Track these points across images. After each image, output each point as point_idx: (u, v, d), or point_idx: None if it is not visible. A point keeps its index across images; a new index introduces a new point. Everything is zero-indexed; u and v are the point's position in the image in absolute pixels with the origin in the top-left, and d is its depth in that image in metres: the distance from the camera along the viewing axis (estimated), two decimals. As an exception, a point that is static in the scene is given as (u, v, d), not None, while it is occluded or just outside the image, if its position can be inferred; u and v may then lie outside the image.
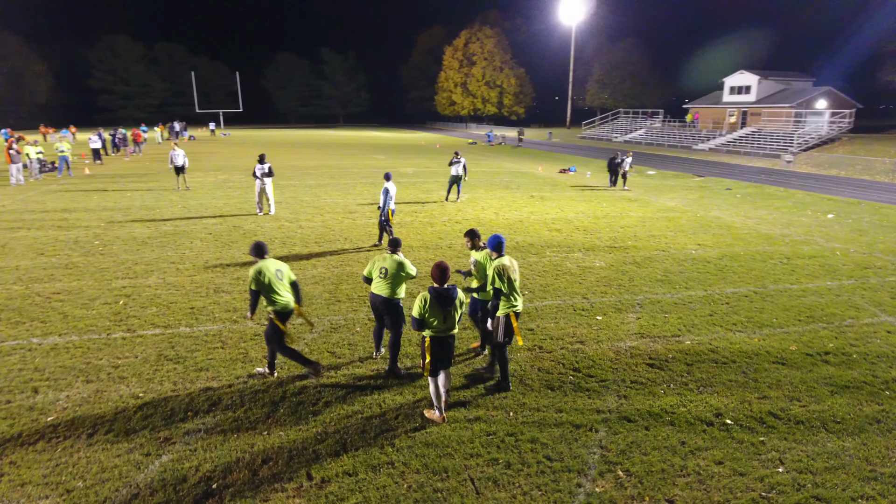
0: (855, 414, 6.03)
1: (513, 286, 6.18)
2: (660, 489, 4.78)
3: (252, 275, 6.17)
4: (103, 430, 5.44)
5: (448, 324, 5.57)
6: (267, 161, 15.89)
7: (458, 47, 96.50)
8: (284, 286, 6.34)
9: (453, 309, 5.56)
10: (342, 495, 4.62)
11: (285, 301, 6.28)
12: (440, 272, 5.51)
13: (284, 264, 6.59)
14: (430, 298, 5.45)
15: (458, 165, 19.00)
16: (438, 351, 5.56)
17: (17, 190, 20.34)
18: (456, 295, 5.56)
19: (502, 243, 6.34)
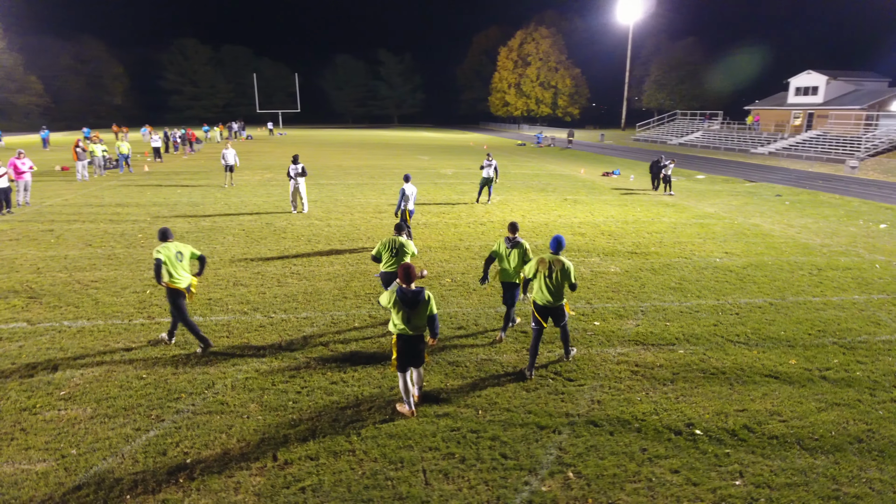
0: (837, 432, 5.85)
1: (542, 281, 6.77)
2: (605, 493, 4.86)
3: (154, 254, 7.14)
4: (105, 406, 6.03)
5: (412, 324, 5.74)
6: (301, 161, 16.58)
7: (513, 48, 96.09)
8: (183, 267, 7.24)
9: (417, 312, 5.70)
10: (299, 477, 4.96)
11: (180, 279, 7.16)
12: (404, 272, 5.70)
13: (188, 247, 7.44)
14: (394, 297, 5.71)
15: (489, 167, 19.14)
16: (405, 349, 5.80)
17: (82, 185, 22.09)
18: (422, 298, 5.72)
19: (558, 242, 6.92)
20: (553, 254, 6.89)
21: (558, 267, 6.76)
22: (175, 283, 7.14)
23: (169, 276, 7.12)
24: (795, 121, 49.51)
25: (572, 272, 6.84)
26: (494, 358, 7.40)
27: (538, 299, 6.87)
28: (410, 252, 7.90)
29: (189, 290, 7.29)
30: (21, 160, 16.81)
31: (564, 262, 6.81)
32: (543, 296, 6.82)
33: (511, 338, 8.06)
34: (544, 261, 6.81)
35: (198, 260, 7.52)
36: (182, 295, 7.22)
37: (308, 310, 8.99)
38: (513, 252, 7.64)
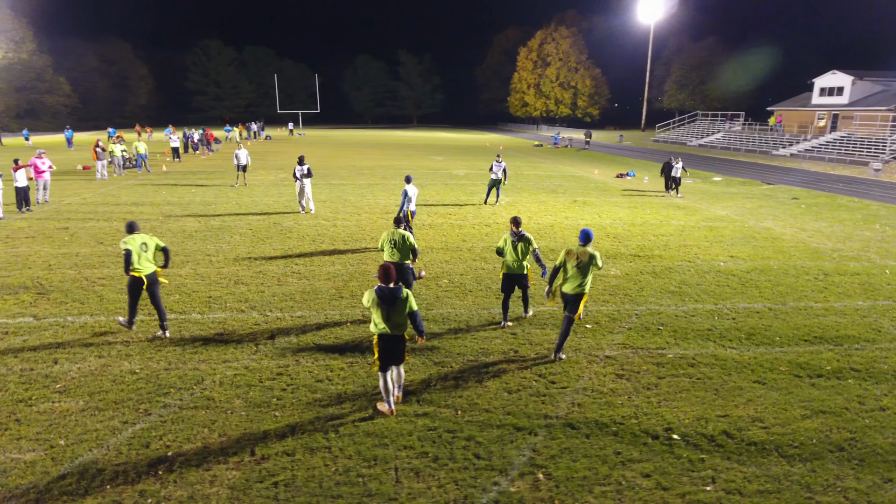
0: (819, 440, 5.78)
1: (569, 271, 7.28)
2: (573, 495, 4.89)
3: (121, 245, 7.65)
4: (97, 399, 6.25)
5: (391, 322, 5.85)
6: (306, 163, 16.81)
7: (533, 48, 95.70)
8: (147, 258, 7.74)
9: (395, 309, 5.82)
10: (274, 472, 5.10)
11: (142, 268, 7.68)
12: (384, 273, 5.82)
13: (153, 239, 7.92)
14: (372, 296, 5.82)
15: (498, 169, 19.13)
16: (385, 348, 5.91)
17: (101, 184, 22.69)
18: (399, 295, 5.82)
19: (587, 235, 7.43)
20: (582, 246, 7.35)
21: (585, 258, 7.24)
22: (137, 272, 7.64)
23: (134, 268, 7.64)
24: (820, 122, 48.46)
25: (598, 258, 7.32)
26: (480, 359, 7.47)
27: (566, 289, 7.33)
28: (410, 243, 8.42)
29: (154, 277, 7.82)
30: (41, 160, 17.35)
31: (591, 252, 7.29)
32: (571, 285, 7.29)
33: (499, 339, 8.11)
34: (572, 252, 7.34)
35: (162, 252, 8.03)
36: (141, 282, 7.70)
37: (304, 309, 9.15)
38: (519, 245, 8.20)
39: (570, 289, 7.28)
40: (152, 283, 7.79)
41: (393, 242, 8.38)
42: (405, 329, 6.01)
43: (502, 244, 8.36)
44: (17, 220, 15.49)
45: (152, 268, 7.80)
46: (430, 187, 23.54)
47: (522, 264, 8.33)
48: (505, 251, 8.31)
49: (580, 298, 7.28)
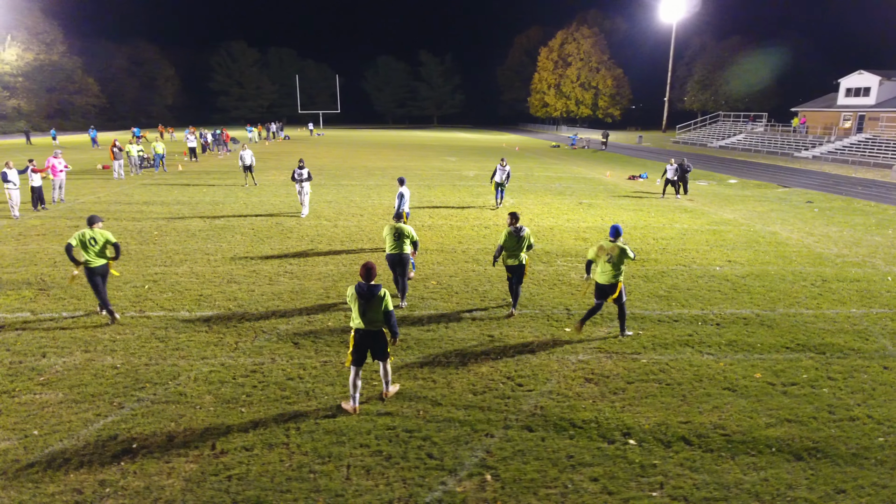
0: (779, 448, 5.74)
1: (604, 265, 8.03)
2: (517, 496, 4.96)
3: (73, 235, 8.26)
4: (76, 392, 6.52)
5: (367, 318, 6.07)
6: (306, 166, 17.00)
7: (554, 48, 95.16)
8: (95, 251, 8.27)
9: (372, 306, 6.03)
10: (230, 465, 5.28)
11: (90, 261, 8.26)
12: (365, 271, 6.09)
13: (105, 233, 8.44)
14: (352, 292, 6.06)
15: (501, 172, 19.04)
16: (360, 342, 6.12)
17: (117, 183, 23.37)
18: (376, 293, 6.04)
19: (616, 231, 8.09)
20: (612, 241, 8.04)
21: (616, 252, 7.95)
22: (90, 263, 8.24)
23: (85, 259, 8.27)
24: (845, 123, 47.26)
25: (629, 251, 8.02)
26: (453, 361, 7.56)
27: (600, 279, 8.15)
28: (410, 236, 9.25)
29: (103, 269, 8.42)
30: (58, 160, 17.97)
31: (622, 246, 7.98)
32: (605, 276, 8.08)
33: (475, 340, 8.19)
34: (603, 247, 8.05)
35: (113, 246, 8.60)
36: (97, 273, 8.30)
37: (289, 308, 9.36)
38: (516, 239, 8.82)
39: (605, 280, 8.10)
40: (101, 274, 8.38)
41: (396, 234, 9.16)
42: (381, 326, 6.18)
43: (503, 240, 8.93)
44: (31, 218, 16.09)
45: (102, 261, 8.38)
46: (437, 188, 23.68)
47: (519, 256, 8.90)
48: (505, 246, 8.88)
49: (616, 287, 8.11)
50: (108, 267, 8.48)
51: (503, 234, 8.92)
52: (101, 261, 8.36)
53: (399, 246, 9.21)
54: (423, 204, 19.77)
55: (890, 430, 6.13)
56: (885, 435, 6.03)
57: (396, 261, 9.29)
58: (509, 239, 8.83)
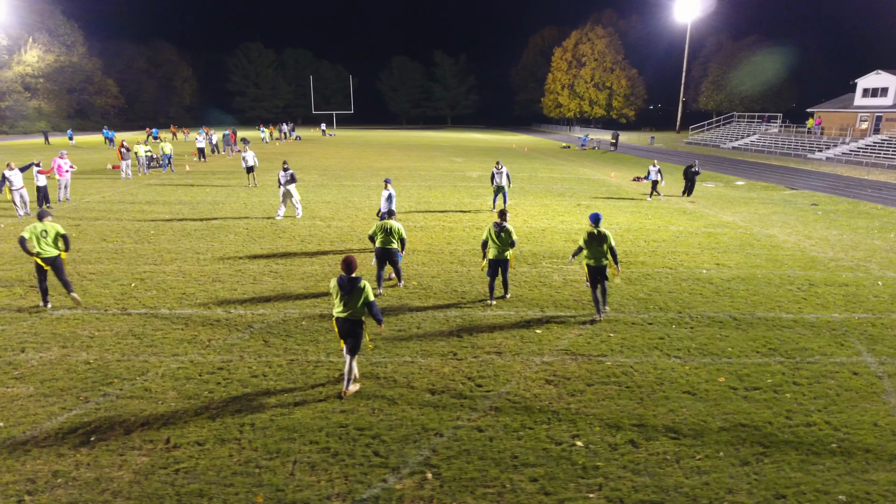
0: (727, 453, 5.74)
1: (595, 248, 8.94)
2: (454, 495, 5.05)
3: (26, 229, 8.97)
4: (46, 386, 6.75)
5: (346, 308, 6.49)
6: (290, 168, 17.05)
7: (568, 48, 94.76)
8: (47, 242, 9.00)
9: (351, 297, 6.45)
10: (180, 459, 5.44)
11: (42, 252, 8.99)
12: (345, 264, 6.49)
13: (55, 226, 9.17)
14: (335, 283, 6.50)
15: (499, 175, 18.32)
16: (342, 329, 6.60)
17: (124, 183, 23.88)
18: (356, 285, 6.45)
19: (597, 217, 9.19)
20: (594, 226, 9.08)
21: (598, 236, 8.93)
22: (42, 254, 8.96)
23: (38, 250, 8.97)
24: (862, 124, 46.38)
25: (610, 237, 9.01)
26: (417, 360, 7.66)
27: (590, 262, 9.03)
28: (398, 233, 9.98)
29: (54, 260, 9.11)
30: (63, 160, 18.44)
31: (604, 231, 9.02)
32: (594, 260, 8.99)
33: (442, 341, 8.28)
34: (592, 233, 8.96)
35: (62, 238, 9.23)
36: (48, 263, 9.02)
37: (267, 307, 9.54)
38: (501, 234, 9.48)
39: (595, 263, 8.99)
40: (54, 264, 9.08)
41: (385, 230, 9.91)
42: (360, 315, 6.50)
43: (486, 235, 9.62)
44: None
45: (55, 252, 9.09)
46: (438, 189, 23.80)
47: (505, 251, 9.58)
48: (489, 240, 9.56)
49: (604, 270, 9.07)
50: (61, 258, 9.21)
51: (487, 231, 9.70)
52: (53, 252, 9.06)
53: (388, 241, 9.94)
54: (419, 204, 19.90)
55: (845, 436, 6.09)
56: (839, 441, 6.00)
57: (387, 254, 10.00)
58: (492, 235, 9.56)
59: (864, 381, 7.38)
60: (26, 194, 16.03)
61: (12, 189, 15.56)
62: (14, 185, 15.58)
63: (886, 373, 7.64)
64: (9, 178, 15.55)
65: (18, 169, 16.09)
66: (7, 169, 15.62)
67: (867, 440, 6.02)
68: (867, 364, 7.88)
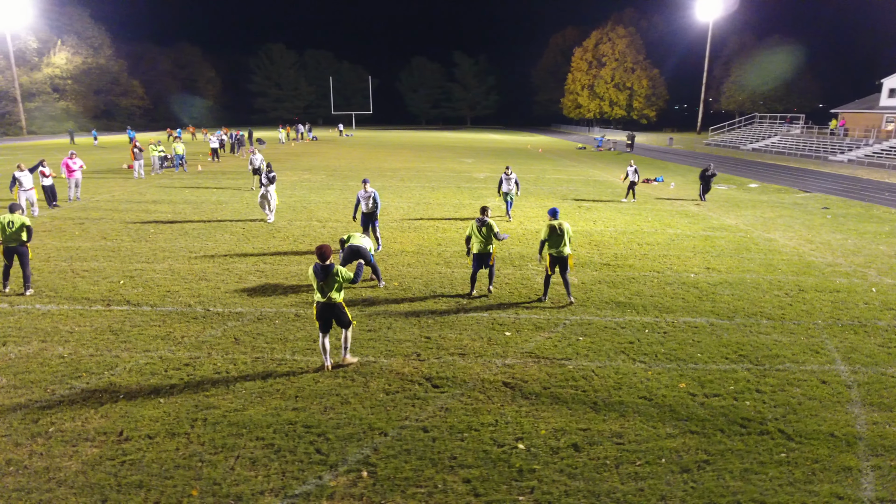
0: (669, 460, 5.71)
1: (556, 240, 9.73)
2: (384, 493, 5.13)
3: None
4: (18, 378, 7.03)
5: (323, 293, 7.11)
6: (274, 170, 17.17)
7: (588, 48, 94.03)
8: (13, 231, 9.82)
9: (326, 282, 7.07)
10: (129, 451, 5.63)
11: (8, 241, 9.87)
12: (319, 252, 7.11)
13: (21, 218, 9.95)
14: (311, 271, 7.17)
15: (507, 181, 17.24)
16: (320, 313, 7.22)
17: (135, 183, 24.51)
18: (330, 271, 7.07)
19: (555, 211, 10.11)
20: (554, 219, 9.91)
21: (559, 228, 9.74)
22: (7, 243, 9.90)
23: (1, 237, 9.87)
24: (888, 125, 45.06)
25: (569, 230, 9.88)
26: (380, 360, 7.76)
27: (552, 252, 9.83)
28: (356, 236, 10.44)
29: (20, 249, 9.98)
30: (73, 160, 19.03)
31: (564, 223, 9.86)
32: (555, 250, 9.79)
33: (409, 341, 8.36)
34: (553, 226, 9.76)
35: (26, 229, 10.02)
36: (13, 251, 9.92)
37: (246, 305, 9.75)
38: (483, 229, 9.97)
39: (555, 252, 9.82)
40: (20, 253, 9.96)
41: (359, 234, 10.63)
42: (337, 299, 7.20)
43: (469, 231, 10.11)
44: (42, 215, 17.09)
45: (16, 241, 9.91)
46: (441, 190, 23.89)
47: (487, 246, 10.06)
48: (472, 236, 10.06)
49: (565, 261, 9.88)
50: (26, 247, 10.07)
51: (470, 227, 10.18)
52: (16, 241, 9.93)
53: (363, 241, 10.41)
54: (418, 205, 20.01)
55: (797, 446, 6.00)
56: (789, 451, 5.92)
57: (360, 252, 10.20)
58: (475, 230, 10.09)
59: (832, 390, 7.25)
60: (33, 196, 16.50)
61: (21, 190, 16.09)
62: (23, 186, 16.10)
63: (857, 382, 7.49)
64: (19, 178, 16.07)
65: (28, 170, 16.63)
66: (17, 170, 16.17)
67: (819, 451, 5.92)
68: (839, 373, 7.73)
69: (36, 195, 17.21)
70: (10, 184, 16.48)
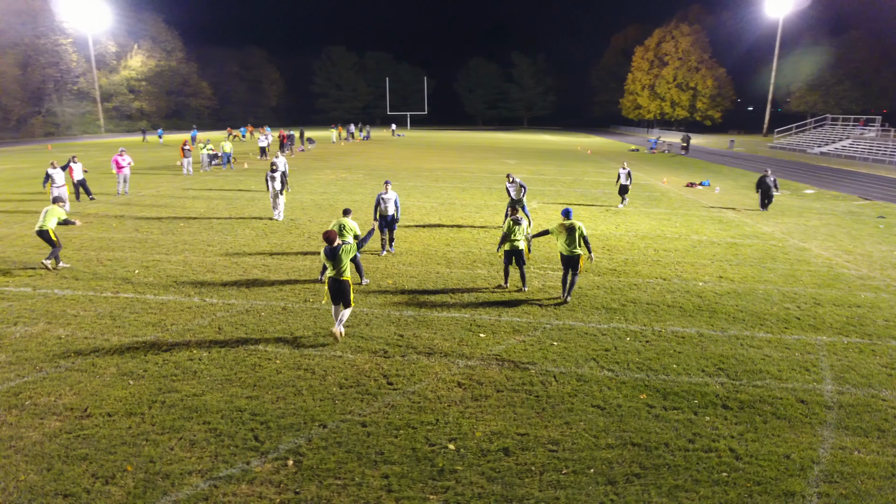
0: (599, 471, 5.59)
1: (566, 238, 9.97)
2: (301, 482, 5.30)
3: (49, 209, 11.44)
4: (15, 356, 7.71)
5: (335, 270, 8.24)
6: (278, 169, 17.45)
7: (650, 47, 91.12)
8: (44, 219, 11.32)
9: (335, 262, 8.19)
10: (86, 427, 6.09)
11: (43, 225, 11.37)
12: (325, 237, 8.26)
13: (56, 210, 11.52)
14: (322, 254, 8.30)
15: (513, 187, 16.15)
16: (331, 287, 8.32)
17: (183, 179, 25.98)
18: (337, 252, 8.16)
19: (567, 212, 10.27)
20: (567, 219, 10.12)
21: (569, 228, 9.97)
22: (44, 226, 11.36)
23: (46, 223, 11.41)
24: (977, 129, 41.13)
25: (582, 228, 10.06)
26: (346, 355, 7.97)
27: (563, 251, 10.09)
28: (352, 230, 10.66)
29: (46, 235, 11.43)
30: (122, 157, 20.43)
31: (577, 223, 10.05)
32: (566, 248, 10.01)
33: (381, 338, 8.52)
34: (564, 225, 10.05)
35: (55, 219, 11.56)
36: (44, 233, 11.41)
37: (240, 297, 10.22)
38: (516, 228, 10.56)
39: (566, 251, 10.03)
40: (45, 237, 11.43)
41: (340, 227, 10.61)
42: (344, 275, 8.21)
43: (505, 228, 10.64)
44: (90, 207, 18.46)
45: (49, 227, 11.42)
46: (470, 191, 23.95)
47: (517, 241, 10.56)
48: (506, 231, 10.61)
49: (577, 260, 10.06)
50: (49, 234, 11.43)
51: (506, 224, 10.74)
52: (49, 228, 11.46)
53: (341, 235, 10.51)
54: (442, 205, 20.16)
55: (743, 466, 5.72)
56: (732, 471, 5.65)
57: None
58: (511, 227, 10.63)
59: (807, 410, 6.83)
60: (65, 193, 17.45)
61: (53, 186, 17.22)
62: (56, 183, 17.27)
63: (840, 403, 7.01)
64: (52, 175, 17.30)
65: (60, 167, 17.87)
66: (51, 167, 17.43)
67: (765, 473, 5.62)
68: (822, 392, 7.26)
69: (67, 191, 18.46)
70: (43, 180, 17.72)
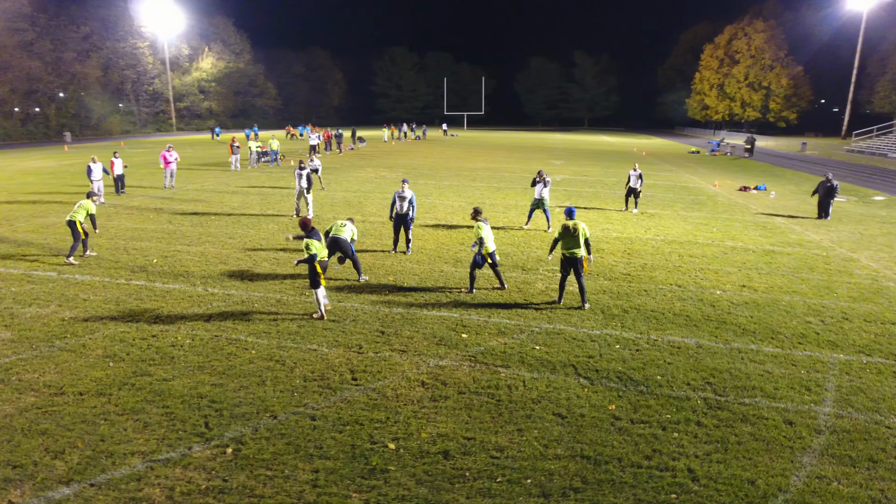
0: (536, 482, 5.32)
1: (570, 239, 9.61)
2: (232, 471, 5.36)
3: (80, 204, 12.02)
4: (18, 333, 8.27)
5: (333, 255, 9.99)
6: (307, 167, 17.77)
7: (720, 45, 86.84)
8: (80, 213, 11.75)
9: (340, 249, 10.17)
10: (57, 404, 6.42)
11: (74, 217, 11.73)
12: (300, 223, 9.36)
13: (86, 204, 11.95)
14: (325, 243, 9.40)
15: (540, 185, 15.86)
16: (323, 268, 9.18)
17: (229, 175, 27.11)
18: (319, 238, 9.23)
19: (570, 211, 9.96)
20: (570, 219, 9.78)
21: (572, 229, 9.61)
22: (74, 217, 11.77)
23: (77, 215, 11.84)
24: None
25: (586, 230, 9.68)
26: (321, 348, 8.02)
27: (565, 252, 9.69)
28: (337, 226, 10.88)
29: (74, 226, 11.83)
30: (169, 153, 21.57)
31: (580, 223, 9.67)
32: (568, 251, 9.64)
33: (361, 333, 8.51)
34: (567, 226, 9.66)
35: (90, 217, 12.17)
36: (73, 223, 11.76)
37: (240, 288, 10.51)
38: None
39: (568, 253, 9.65)
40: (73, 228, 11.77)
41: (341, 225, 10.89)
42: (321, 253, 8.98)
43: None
44: (134, 199, 19.58)
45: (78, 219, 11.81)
46: (505, 191, 23.65)
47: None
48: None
49: (580, 262, 9.67)
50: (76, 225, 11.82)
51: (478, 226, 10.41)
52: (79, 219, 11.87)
53: (338, 231, 10.75)
54: (471, 204, 19.98)
55: (697, 489, 5.29)
56: (682, 493, 5.23)
57: (342, 244, 10.66)
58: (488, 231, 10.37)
59: (792, 432, 6.25)
60: (102, 186, 18.53)
61: (92, 179, 18.28)
62: (93, 176, 18.33)
63: (833, 427, 6.37)
64: (92, 169, 18.40)
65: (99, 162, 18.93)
66: (92, 161, 18.52)
67: (719, 498, 5.18)
68: (816, 415, 6.63)
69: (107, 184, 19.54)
70: (86, 172, 18.86)
